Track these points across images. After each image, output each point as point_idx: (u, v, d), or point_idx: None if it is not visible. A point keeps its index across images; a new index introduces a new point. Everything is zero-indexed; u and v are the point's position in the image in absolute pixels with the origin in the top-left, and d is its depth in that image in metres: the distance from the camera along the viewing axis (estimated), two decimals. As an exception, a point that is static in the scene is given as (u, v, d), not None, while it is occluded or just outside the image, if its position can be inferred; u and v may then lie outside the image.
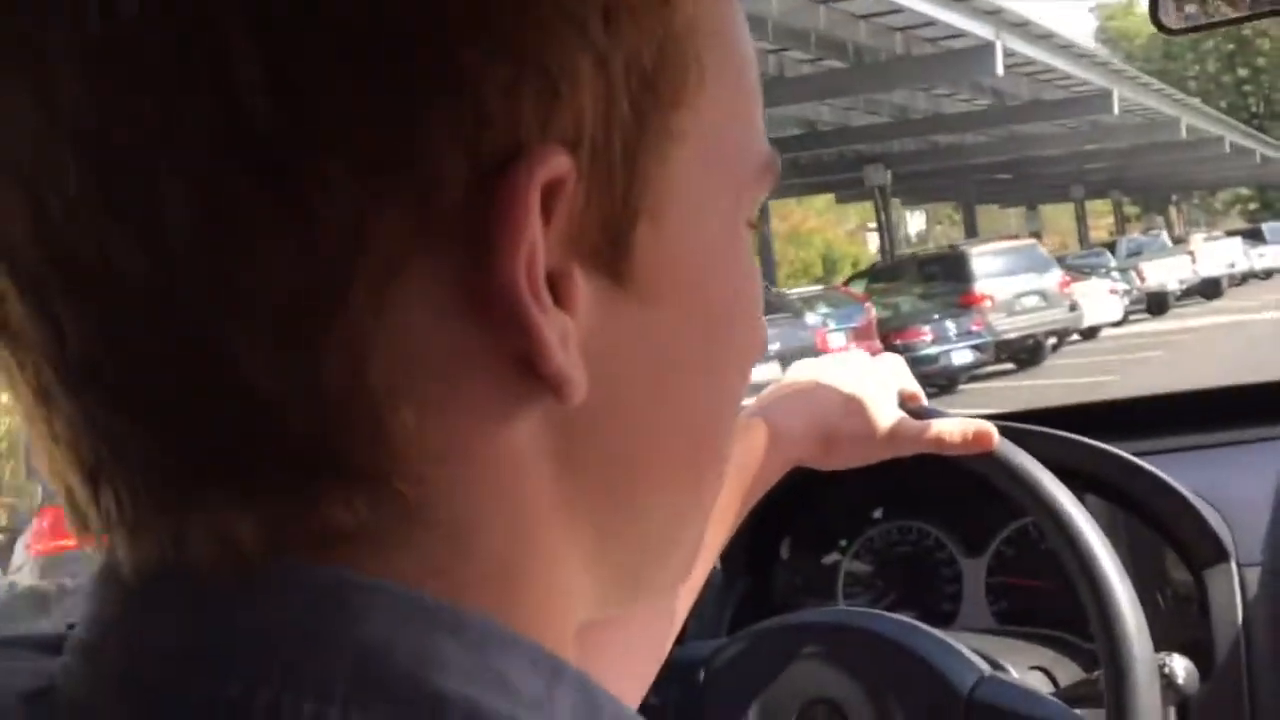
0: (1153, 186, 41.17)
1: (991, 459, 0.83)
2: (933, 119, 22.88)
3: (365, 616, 0.30)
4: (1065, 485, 0.85)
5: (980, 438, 0.81)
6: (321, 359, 0.30)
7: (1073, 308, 17.42)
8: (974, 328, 14.87)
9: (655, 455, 0.37)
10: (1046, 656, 1.02)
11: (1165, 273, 23.27)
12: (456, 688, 0.30)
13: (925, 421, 0.81)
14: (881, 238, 22.91)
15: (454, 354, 0.31)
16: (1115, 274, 21.62)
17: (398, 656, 0.30)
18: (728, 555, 1.28)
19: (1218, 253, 25.92)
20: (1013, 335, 15.90)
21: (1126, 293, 21.05)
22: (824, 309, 14.80)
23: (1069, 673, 1.01)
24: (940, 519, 1.24)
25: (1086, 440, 1.03)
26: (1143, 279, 22.63)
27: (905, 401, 0.83)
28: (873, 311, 15.13)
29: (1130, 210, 46.26)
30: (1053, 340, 17.11)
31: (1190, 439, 1.17)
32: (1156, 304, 22.50)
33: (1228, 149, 30.43)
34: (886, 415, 0.80)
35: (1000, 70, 16.02)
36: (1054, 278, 17.55)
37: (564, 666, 0.33)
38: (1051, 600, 1.14)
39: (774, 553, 1.30)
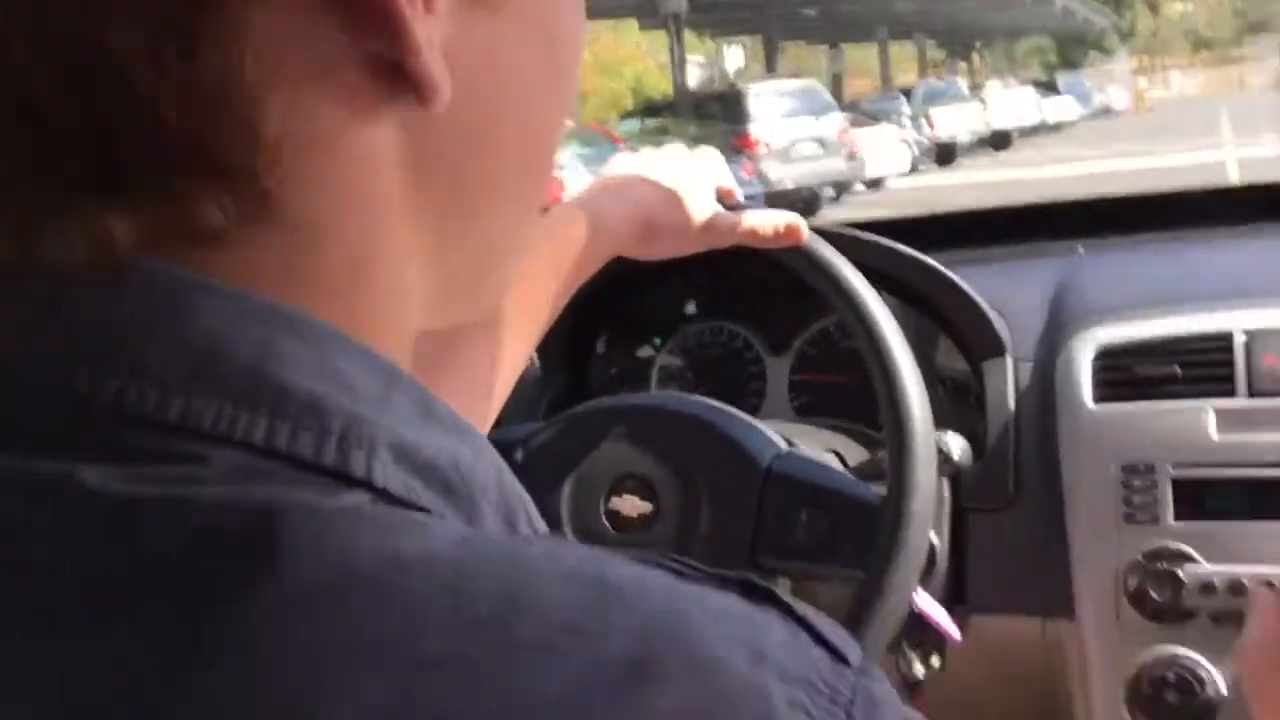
0: (957, 31, 40.90)
1: (800, 252, 0.88)
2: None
3: (209, 312, 0.31)
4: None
5: (791, 231, 0.87)
6: (197, 51, 0.30)
7: (851, 157, 16.25)
8: (744, 175, 13.62)
9: (499, 162, 0.39)
10: (839, 442, 1.11)
11: (956, 122, 22.51)
12: (298, 381, 0.32)
13: (740, 215, 0.86)
14: (673, 71, 21.65)
15: (326, 51, 0.32)
16: (907, 121, 20.81)
17: (240, 350, 0.31)
18: (546, 349, 1.32)
19: (1010, 103, 25.53)
20: (788, 186, 14.83)
21: (917, 142, 20.24)
22: (575, 148, 13.75)
23: (859, 455, 1.11)
24: (749, 321, 1.31)
25: (887, 242, 1.10)
26: (933, 127, 21.66)
27: (721, 198, 0.88)
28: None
29: (935, 55, 46.30)
30: (830, 192, 16.32)
31: (977, 253, 1.28)
32: (944, 155, 21.62)
33: (1057, 7, 31.45)
34: (703, 208, 0.85)
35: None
36: (834, 123, 16.25)
37: (400, 372, 0.35)
38: (847, 395, 1.25)
39: (590, 347, 1.35)
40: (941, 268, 1.11)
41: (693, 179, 0.85)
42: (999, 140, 23.94)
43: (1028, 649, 1.07)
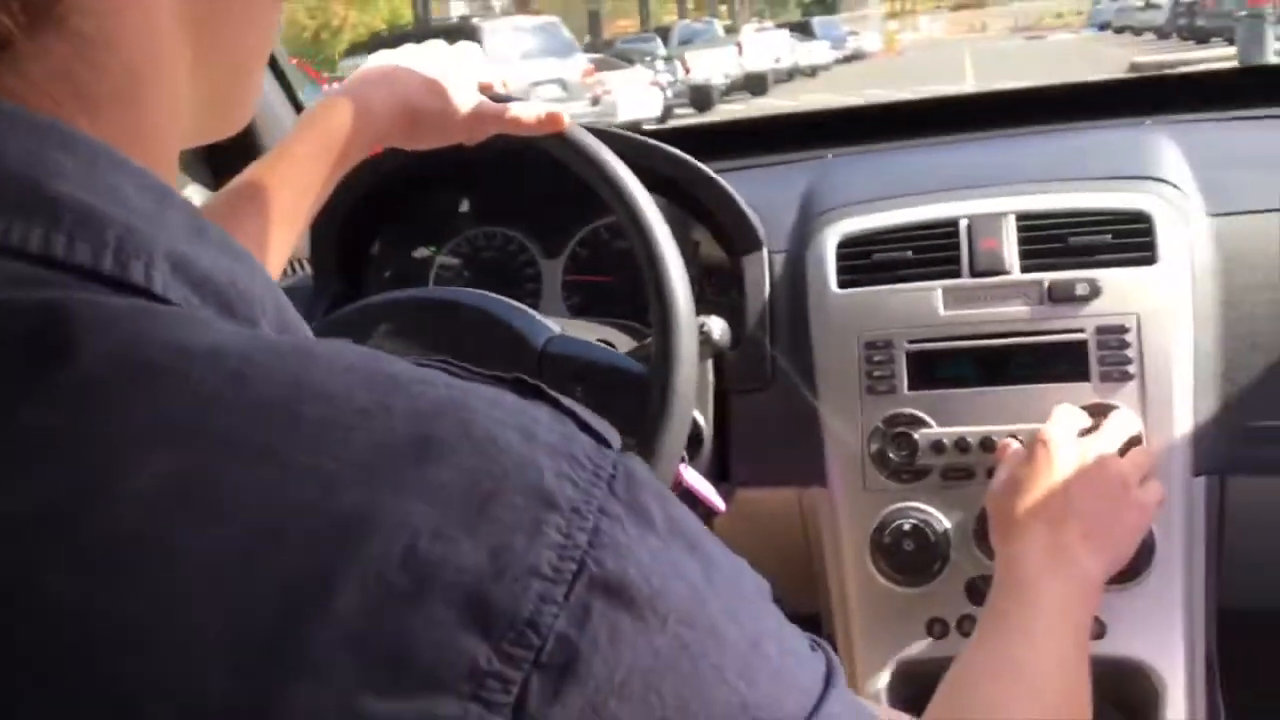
0: None
1: (563, 140, 0.92)
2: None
3: None
4: None
5: (553, 119, 0.90)
6: None
7: (596, 101, 15.55)
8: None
9: None
10: (611, 335, 1.16)
11: (710, 65, 21.58)
12: (70, 192, 0.33)
13: (503, 105, 0.89)
14: (415, 5, 20.99)
15: None
16: (661, 63, 20.34)
17: (10, 163, 0.32)
18: (318, 258, 1.32)
19: (765, 46, 24.45)
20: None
21: (671, 85, 19.40)
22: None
23: (628, 345, 1.17)
24: (524, 225, 1.35)
25: (653, 141, 1.16)
26: (688, 70, 20.93)
27: (483, 90, 0.91)
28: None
29: None
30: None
31: (739, 160, 1.35)
32: (700, 99, 20.77)
33: None
34: (467, 98, 0.89)
35: None
36: (577, 64, 15.75)
37: (172, 190, 0.37)
38: (617, 294, 1.30)
39: (365, 252, 1.35)
40: (704, 167, 1.17)
41: (454, 70, 0.88)
42: (755, 84, 23.09)
43: (786, 516, 1.16)
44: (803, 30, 30.14)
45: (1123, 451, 0.96)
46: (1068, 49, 26.74)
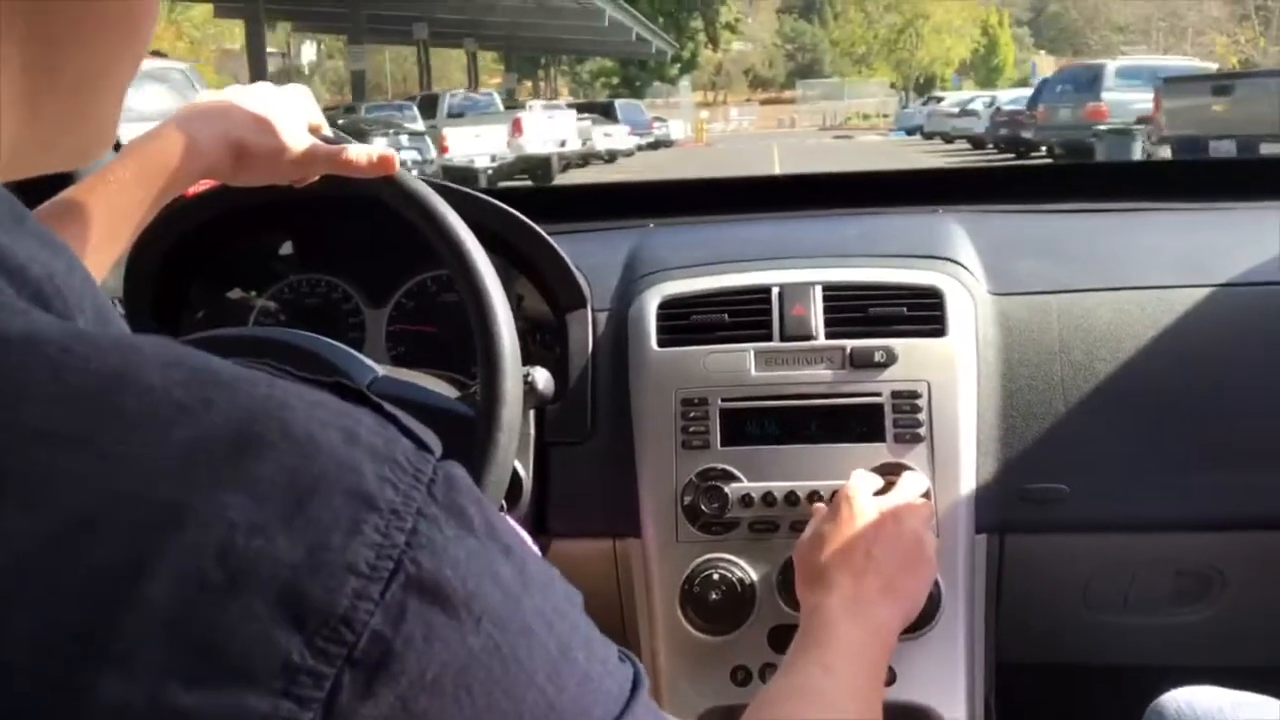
0: (517, 41, 37.42)
1: (394, 185, 0.92)
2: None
3: None
4: None
5: (384, 162, 0.90)
6: None
7: None
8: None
9: None
10: (434, 384, 1.17)
11: (474, 144, 17.83)
12: None
13: (335, 146, 0.89)
14: (250, 60, 20.28)
15: None
16: (407, 138, 16.13)
17: None
18: (132, 296, 1.29)
19: (550, 126, 20.49)
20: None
21: (419, 164, 15.46)
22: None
23: (453, 395, 1.18)
24: (348, 273, 1.35)
25: (486, 198, 1.19)
26: (445, 149, 17.22)
27: (313, 131, 0.92)
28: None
29: (495, 67, 45.28)
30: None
31: (566, 224, 1.40)
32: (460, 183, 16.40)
33: (606, 22, 29.01)
34: (297, 137, 0.89)
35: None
36: None
37: (26, 212, 0.37)
38: (442, 346, 1.32)
39: (182, 294, 1.32)
40: (533, 224, 1.21)
41: (284, 109, 0.89)
42: (535, 167, 19.10)
43: (600, 567, 1.19)
44: (604, 112, 27.26)
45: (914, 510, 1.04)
46: (874, 150, 27.13)
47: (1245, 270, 1.19)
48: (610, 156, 24.92)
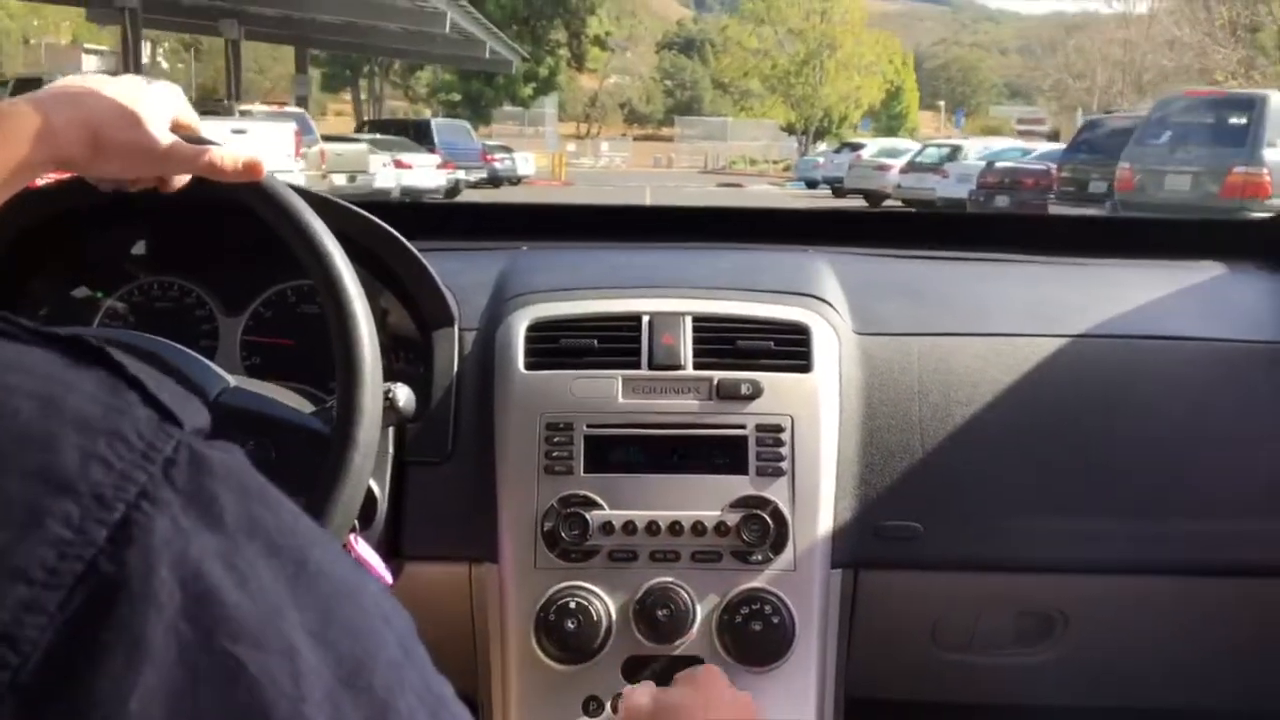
0: (322, 42, 29.71)
1: (260, 189, 0.89)
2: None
3: None
4: None
5: (251, 167, 0.86)
6: None
7: None
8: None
9: None
10: (289, 397, 1.13)
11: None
12: None
13: (201, 147, 0.85)
14: (128, 65, 18.32)
15: None
16: None
17: None
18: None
19: (265, 142, 14.06)
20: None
21: None
22: None
23: (308, 410, 1.14)
24: (204, 278, 1.30)
25: (355, 209, 1.16)
26: None
27: (181, 129, 0.87)
28: None
29: (322, 69, 39.66)
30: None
31: (434, 241, 1.36)
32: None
33: (448, 28, 22.08)
34: (161, 134, 0.83)
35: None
36: None
37: None
38: (300, 359, 1.27)
39: (24, 290, 1.25)
40: (402, 239, 1.18)
41: (151, 103, 0.84)
42: None
43: (454, 592, 1.16)
44: (416, 134, 20.24)
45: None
46: (773, 203, 21.31)
47: (1098, 322, 1.24)
48: (404, 197, 16.24)
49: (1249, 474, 1.17)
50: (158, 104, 0.85)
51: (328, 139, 16.75)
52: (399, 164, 17.32)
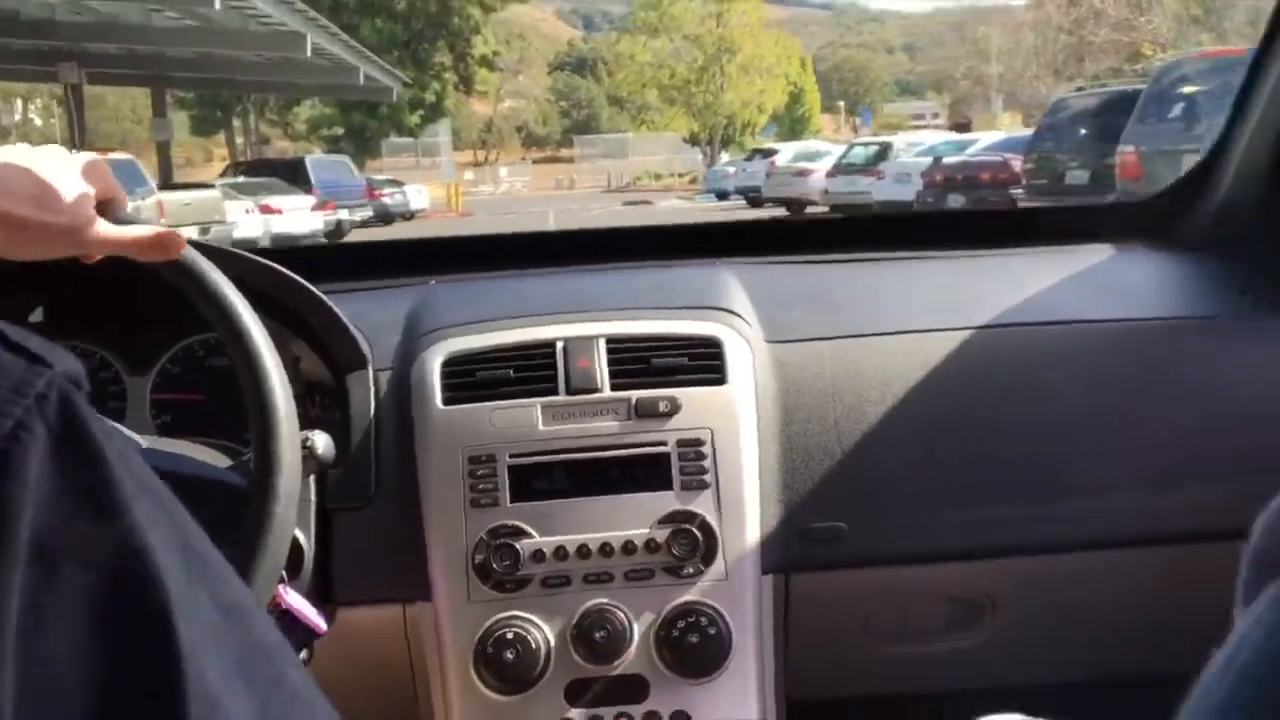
0: (176, 80, 25.86)
1: (178, 266, 0.89)
2: None
3: None
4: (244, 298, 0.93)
5: (171, 245, 0.85)
6: None
7: None
8: None
9: None
10: (204, 454, 1.12)
11: None
12: None
13: (122, 229, 0.83)
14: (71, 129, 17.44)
15: None
16: None
17: None
18: None
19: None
20: None
21: None
22: None
23: (225, 465, 1.13)
24: (106, 339, 1.27)
25: (264, 261, 1.15)
26: None
27: (104, 207, 0.84)
28: None
29: (190, 111, 37.18)
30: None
31: (344, 284, 1.36)
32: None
33: (309, 52, 18.25)
34: (82, 213, 0.80)
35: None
36: None
37: None
38: (212, 414, 1.26)
39: None
40: (309, 286, 1.17)
41: (73, 181, 0.81)
42: None
43: (389, 634, 1.16)
44: (291, 174, 18.12)
45: None
46: (686, 218, 18.21)
47: (999, 313, 1.28)
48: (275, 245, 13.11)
49: (1150, 449, 1.22)
50: (80, 181, 0.81)
51: (173, 187, 15.50)
52: (266, 209, 15.61)
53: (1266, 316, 1.29)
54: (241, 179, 17.94)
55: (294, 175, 18.18)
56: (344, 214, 18.09)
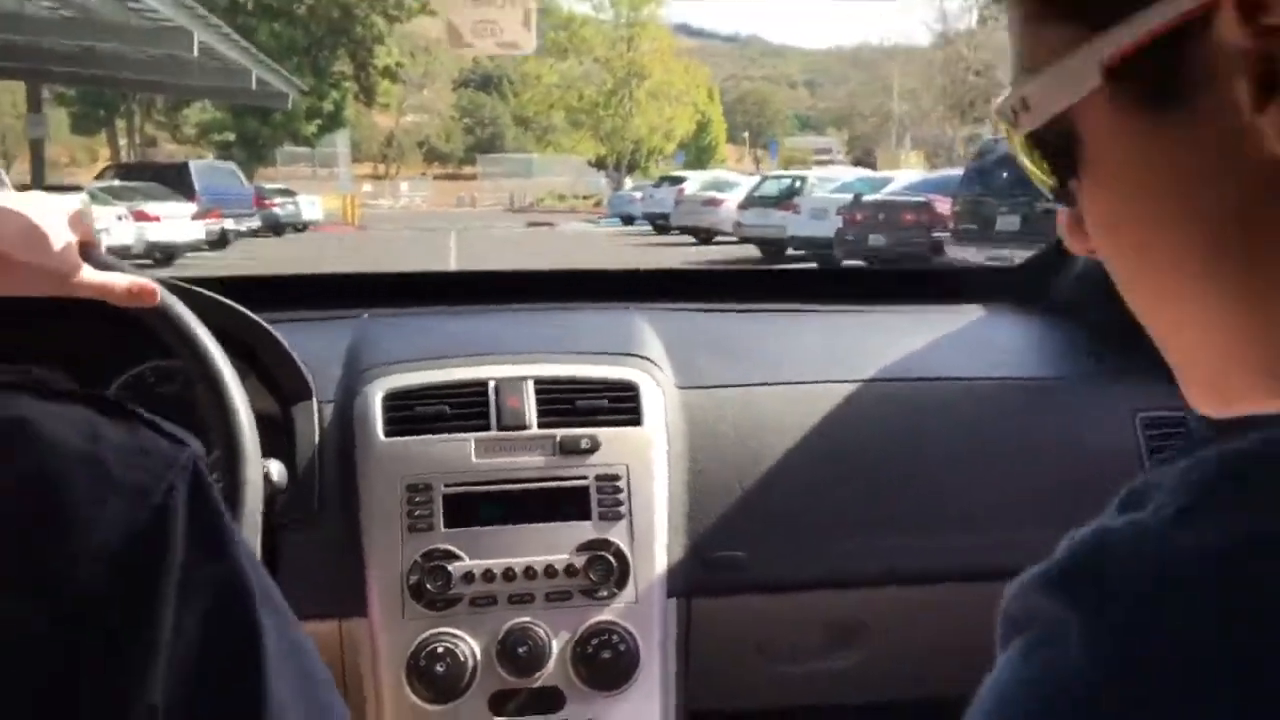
0: (47, 74, 22.62)
1: (155, 311, 0.97)
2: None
3: None
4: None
5: (145, 293, 0.90)
6: None
7: None
8: None
9: None
10: None
11: None
12: None
13: (105, 276, 0.88)
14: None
15: None
16: None
17: None
18: None
19: None
20: None
21: None
22: None
23: None
24: (60, 363, 1.34)
25: (220, 299, 1.24)
26: None
27: (84, 248, 0.87)
28: None
29: (70, 108, 36.21)
30: None
31: (284, 313, 1.45)
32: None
33: (196, 51, 16.58)
34: (68, 256, 0.84)
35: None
36: None
37: None
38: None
39: None
40: (263, 323, 1.27)
41: (60, 223, 0.84)
42: None
43: (325, 648, 1.25)
44: (173, 179, 17.65)
45: None
46: (591, 244, 20.31)
47: (881, 368, 1.44)
48: (165, 255, 14.96)
49: (1010, 492, 1.39)
50: (64, 223, 0.84)
51: (45, 189, 12.79)
52: (141, 215, 14.83)
53: (1106, 381, 1.47)
54: (117, 183, 17.29)
55: (177, 180, 17.65)
56: (229, 223, 17.63)
